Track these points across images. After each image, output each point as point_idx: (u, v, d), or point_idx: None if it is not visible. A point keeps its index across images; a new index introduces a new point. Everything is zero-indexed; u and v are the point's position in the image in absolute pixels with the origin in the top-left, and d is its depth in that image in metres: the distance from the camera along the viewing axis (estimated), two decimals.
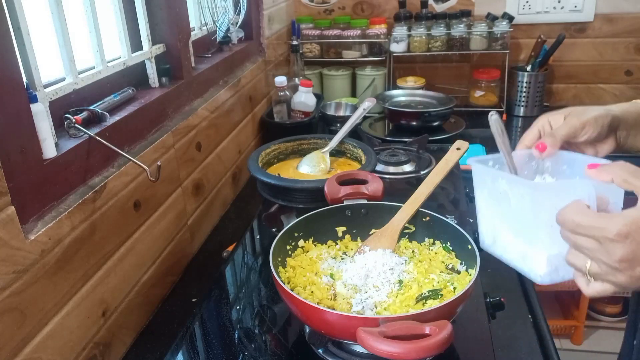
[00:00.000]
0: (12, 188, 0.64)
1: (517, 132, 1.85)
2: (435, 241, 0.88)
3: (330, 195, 0.93)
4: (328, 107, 1.78)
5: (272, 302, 0.93)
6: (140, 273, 0.95)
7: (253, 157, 1.16)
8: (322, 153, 1.21)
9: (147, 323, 0.96)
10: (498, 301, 0.88)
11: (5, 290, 0.63)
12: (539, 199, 0.60)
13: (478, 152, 1.54)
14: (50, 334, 0.71)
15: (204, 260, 1.16)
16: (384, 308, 0.73)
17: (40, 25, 0.79)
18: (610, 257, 0.51)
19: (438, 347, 0.56)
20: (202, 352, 0.84)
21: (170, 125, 1.07)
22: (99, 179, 0.83)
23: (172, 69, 1.12)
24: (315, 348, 0.78)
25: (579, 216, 0.53)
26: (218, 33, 1.40)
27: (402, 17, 1.99)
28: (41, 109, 0.72)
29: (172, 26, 1.11)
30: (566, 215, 0.54)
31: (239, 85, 1.45)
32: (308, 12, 2.15)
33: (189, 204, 1.15)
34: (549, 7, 1.98)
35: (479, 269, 0.74)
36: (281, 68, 1.90)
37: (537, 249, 0.61)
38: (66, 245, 0.73)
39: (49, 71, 0.82)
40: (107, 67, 0.94)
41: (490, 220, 0.68)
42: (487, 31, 1.90)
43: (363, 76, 2.04)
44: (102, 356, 0.83)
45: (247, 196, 1.45)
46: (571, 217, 0.53)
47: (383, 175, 1.30)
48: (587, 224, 0.52)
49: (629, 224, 0.50)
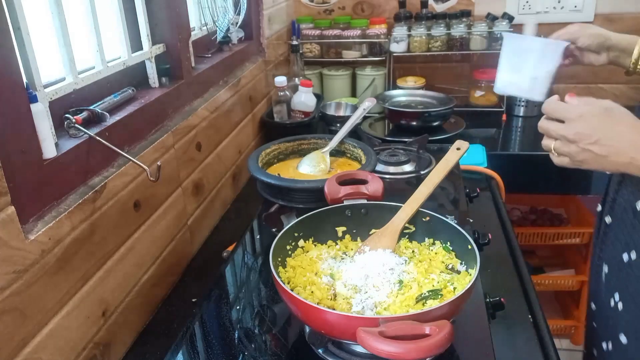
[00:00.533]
0: (12, 188, 0.64)
1: (517, 132, 1.85)
2: (435, 241, 0.88)
3: (330, 195, 0.93)
4: (328, 107, 1.78)
5: (272, 302, 0.93)
6: (140, 273, 0.95)
7: (253, 157, 1.16)
8: (322, 153, 1.21)
9: (147, 323, 0.96)
10: (498, 301, 0.88)
11: (5, 290, 0.63)
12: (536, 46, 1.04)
13: (478, 152, 1.54)
14: (50, 334, 0.71)
15: (204, 260, 1.17)
16: (384, 308, 0.73)
17: (40, 25, 0.79)
18: (569, 131, 0.73)
19: (438, 347, 0.56)
20: (202, 352, 0.84)
21: (170, 125, 1.07)
22: (99, 179, 0.83)
23: (172, 69, 1.12)
24: (315, 348, 0.78)
25: (554, 104, 0.77)
26: (218, 33, 1.40)
27: (402, 17, 1.99)
28: (41, 109, 0.72)
29: (172, 26, 1.11)
30: (548, 104, 0.78)
31: (239, 85, 1.45)
32: (308, 12, 2.15)
33: (189, 204, 1.15)
34: (549, 7, 1.98)
35: (479, 269, 0.74)
36: (281, 68, 1.90)
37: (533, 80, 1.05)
38: (66, 245, 0.73)
39: (49, 71, 0.82)
40: (107, 67, 0.94)
41: (508, 66, 1.08)
42: (487, 31, 1.90)
43: (363, 76, 2.04)
44: (102, 356, 0.83)
45: (247, 196, 1.45)
46: (551, 105, 0.77)
47: (383, 175, 1.30)
48: (559, 108, 0.76)
49: (583, 108, 0.73)
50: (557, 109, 0.76)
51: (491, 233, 1.07)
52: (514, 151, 1.73)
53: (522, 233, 2.02)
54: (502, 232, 1.22)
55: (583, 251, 2.06)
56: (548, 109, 0.77)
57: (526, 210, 2.25)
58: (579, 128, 0.72)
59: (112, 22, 0.98)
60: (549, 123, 0.77)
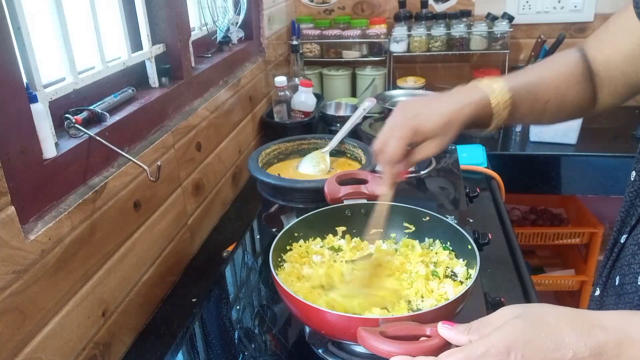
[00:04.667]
0: (12, 188, 0.64)
1: (515, 133, 1.85)
2: (435, 241, 0.88)
3: (330, 195, 0.93)
4: (328, 107, 1.77)
5: (272, 302, 0.93)
6: (140, 273, 0.95)
7: (253, 157, 1.16)
8: (322, 153, 1.21)
9: (147, 323, 0.96)
10: (498, 301, 0.88)
11: (5, 290, 0.63)
12: None
13: (478, 152, 1.54)
14: (50, 334, 0.71)
15: (204, 260, 1.16)
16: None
17: (40, 25, 0.78)
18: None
19: (439, 347, 0.56)
20: (202, 352, 0.84)
21: (170, 125, 1.07)
22: (99, 179, 0.83)
23: (172, 69, 1.12)
24: (315, 348, 0.78)
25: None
26: (218, 33, 1.40)
27: (402, 17, 1.99)
28: (41, 109, 0.72)
29: (172, 26, 1.11)
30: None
31: (239, 85, 1.44)
32: (308, 12, 2.15)
33: (189, 204, 1.15)
34: (549, 7, 1.98)
35: (479, 269, 0.74)
36: (281, 68, 1.90)
37: None
38: (66, 245, 0.73)
39: (49, 71, 0.82)
40: (107, 67, 0.94)
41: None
42: (487, 31, 1.90)
43: (363, 76, 2.04)
44: (102, 356, 0.83)
45: (247, 196, 1.45)
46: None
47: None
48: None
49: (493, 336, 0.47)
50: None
51: (491, 233, 1.07)
52: (514, 151, 1.73)
53: (522, 233, 2.02)
54: (502, 232, 1.22)
55: (583, 251, 2.06)
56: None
57: (526, 210, 2.25)
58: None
59: (112, 22, 0.98)
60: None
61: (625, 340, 0.45)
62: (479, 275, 0.74)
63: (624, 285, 0.66)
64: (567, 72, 0.77)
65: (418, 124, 0.72)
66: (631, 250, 0.66)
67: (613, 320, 0.47)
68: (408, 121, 0.72)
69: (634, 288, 0.64)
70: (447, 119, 0.72)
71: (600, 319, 0.47)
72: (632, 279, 0.64)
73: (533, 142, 1.74)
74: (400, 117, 0.73)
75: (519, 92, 0.75)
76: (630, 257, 0.66)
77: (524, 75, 0.78)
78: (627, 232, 0.67)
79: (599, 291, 0.74)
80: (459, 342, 0.53)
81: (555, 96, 0.77)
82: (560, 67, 0.78)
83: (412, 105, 0.75)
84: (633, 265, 0.65)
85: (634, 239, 0.66)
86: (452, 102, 0.73)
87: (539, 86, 0.76)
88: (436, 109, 0.73)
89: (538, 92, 0.76)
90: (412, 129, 0.71)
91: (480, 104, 0.73)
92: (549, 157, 1.69)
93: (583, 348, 0.45)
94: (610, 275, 0.71)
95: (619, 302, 0.68)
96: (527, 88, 0.76)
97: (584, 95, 0.78)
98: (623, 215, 0.70)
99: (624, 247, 0.68)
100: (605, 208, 2.04)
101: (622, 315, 0.48)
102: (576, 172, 1.70)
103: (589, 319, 0.47)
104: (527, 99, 0.76)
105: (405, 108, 0.75)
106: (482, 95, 0.73)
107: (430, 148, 0.73)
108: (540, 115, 0.79)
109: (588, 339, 0.45)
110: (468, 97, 0.74)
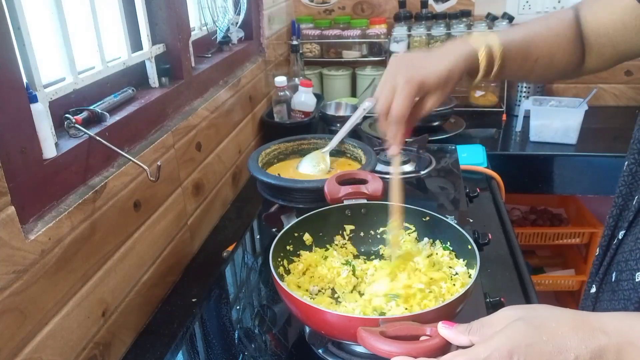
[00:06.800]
0: (12, 188, 0.64)
1: (515, 132, 1.85)
2: (435, 241, 0.88)
3: (330, 195, 0.92)
4: (328, 107, 1.77)
5: (272, 302, 0.93)
6: (140, 273, 0.95)
7: (253, 157, 1.16)
8: (322, 153, 1.21)
9: (147, 323, 0.96)
10: (498, 301, 0.88)
11: (5, 290, 0.63)
12: None
13: (478, 152, 1.54)
14: (50, 334, 0.71)
15: (204, 260, 1.16)
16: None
17: (40, 25, 0.78)
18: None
19: (439, 347, 0.56)
20: (202, 352, 0.84)
21: (170, 125, 1.07)
22: (99, 179, 0.83)
23: (172, 69, 1.12)
24: (315, 348, 0.78)
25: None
26: (218, 33, 1.40)
27: (402, 17, 1.99)
28: (41, 109, 0.72)
29: (172, 26, 1.11)
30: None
31: (239, 85, 1.44)
32: (308, 12, 2.15)
33: (189, 204, 1.15)
34: (549, 7, 1.98)
35: (479, 269, 0.74)
36: (281, 68, 1.90)
37: None
38: (66, 245, 0.73)
39: (49, 71, 0.82)
40: (107, 67, 0.94)
41: None
42: (487, 31, 1.90)
43: (363, 76, 2.04)
44: (102, 356, 0.83)
45: (247, 196, 1.45)
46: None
47: (383, 175, 1.30)
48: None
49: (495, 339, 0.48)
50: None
51: (491, 233, 1.08)
52: (514, 151, 1.73)
53: (522, 233, 2.02)
54: (502, 232, 1.22)
55: (583, 251, 2.06)
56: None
57: (526, 210, 2.25)
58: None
59: (112, 22, 0.98)
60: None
61: (626, 345, 0.46)
62: (479, 275, 0.74)
63: (620, 282, 0.66)
64: (560, 32, 0.79)
65: (422, 79, 0.71)
66: (630, 247, 0.65)
67: (614, 324, 0.47)
68: (412, 77, 0.71)
69: (631, 285, 0.64)
70: (447, 73, 0.72)
71: (602, 322, 0.47)
72: (629, 276, 0.65)
73: (533, 142, 1.74)
74: (402, 73, 0.72)
75: (510, 49, 0.76)
76: (628, 254, 0.66)
77: (518, 31, 0.79)
78: (625, 228, 0.68)
79: (594, 288, 0.74)
80: (460, 342, 0.53)
81: (545, 55, 0.78)
82: (554, 27, 0.79)
83: (411, 60, 0.75)
84: (630, 261, 0.65)
85: (633, 235, 0.66)
86: (449, 55, 0.74)
87: (531, 43, 0.78)
88: (436, 63, 0.73)
89: (529, 49, 0.77)
90: (417, 84, 0.71)
91: (473, 58, 0.75)
92: (549, 157, 1.69)
93: (584, 351, 0.45)
94: (607, 271, 0.71)
95: (613, 298, 0.68)
96: (519, 45, 0.77)
97: (573, 57, 0.79)
98: (618, 209, 0.71)
99: (622, 243, 0.68)
100: (605, 208, 2.02)
101: (623, 318, 0.48)
102: (576, 172, 1.70)
103: (590, 322, 0.47)
104: (518, 56, 0.77)
105: (403, 63, 0.74)
106: (472, 49, 0.75)
107: (432, 102, 0.74)
108: (528, 72, 0.80)
109: (589, 342, 0.46)
110: (463, 51, 0.75)
